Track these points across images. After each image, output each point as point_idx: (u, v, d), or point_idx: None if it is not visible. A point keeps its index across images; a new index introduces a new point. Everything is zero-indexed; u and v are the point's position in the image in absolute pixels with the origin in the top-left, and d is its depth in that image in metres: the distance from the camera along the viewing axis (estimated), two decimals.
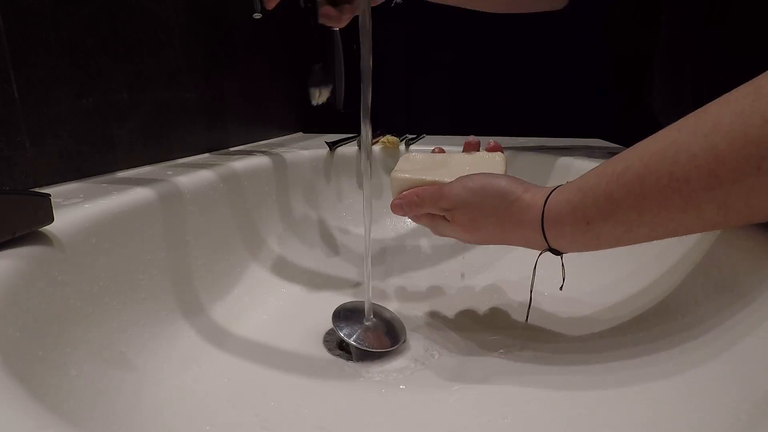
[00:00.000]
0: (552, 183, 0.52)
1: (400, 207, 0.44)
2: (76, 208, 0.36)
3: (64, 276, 0.32)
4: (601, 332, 0.41)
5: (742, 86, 0.26)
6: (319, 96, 0.58)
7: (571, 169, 0.62)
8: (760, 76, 0.26)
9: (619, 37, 0.84)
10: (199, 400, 0.36)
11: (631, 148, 0.32)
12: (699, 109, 0.28)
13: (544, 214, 0.35)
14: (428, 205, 0.42)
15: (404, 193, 0.44)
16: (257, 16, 0.56)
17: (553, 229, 0.35)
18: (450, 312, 0.51)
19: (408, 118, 0.98)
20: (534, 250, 0.39)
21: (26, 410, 0.19)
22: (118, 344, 0.35)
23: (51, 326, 0.29)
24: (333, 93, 0.58)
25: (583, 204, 0.33)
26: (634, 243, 0.33)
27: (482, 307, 0.51)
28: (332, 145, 0.71)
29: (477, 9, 0.56)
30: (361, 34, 0.40)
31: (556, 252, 0.37)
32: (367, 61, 0.40)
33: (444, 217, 0.42)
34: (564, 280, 0.39)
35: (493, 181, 0.39)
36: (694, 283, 0.37)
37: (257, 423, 0.34)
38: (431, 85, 0.97)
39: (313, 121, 0.99)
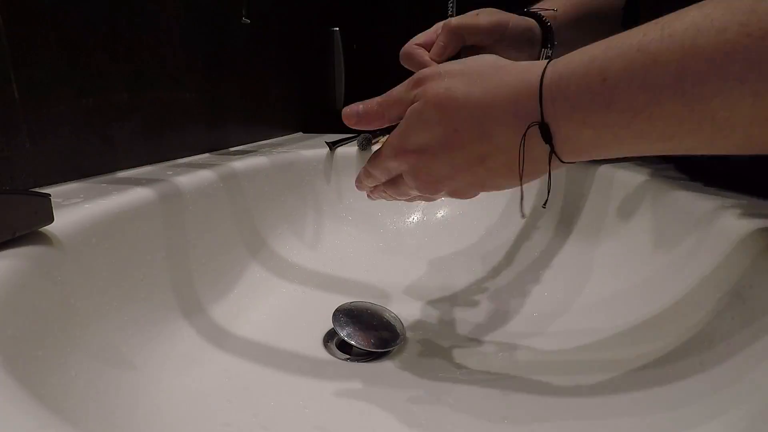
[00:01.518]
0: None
1: (356, 113, 0.35)
2: (76, 208, 0.36)
3: (64, 276, 0.32)
4: (604, 338, 0.41)
5: None
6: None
7: (571, 169, 0.62)
8: None
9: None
10: (199, 400, 0.36)
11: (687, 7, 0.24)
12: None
13: (546, 71, 0.27)
14: (396, 94, 0.34)
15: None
16: (246, 21, 0.56)
17: (555, 87, 0.27)
18: (450, 312, 0.51)
19: None
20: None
21: (26, 410, 0.19)
22: (117, 344, 0.35)
23: (51, 326, 0.29)
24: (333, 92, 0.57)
25: (605, 54, 0.25)
26: (660, 135, 0.24)
27: (482, 307, 0.51)
28: (332, 145, 0.71)
29: None
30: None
31: (546, 137, 0.28)
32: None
33: (409, 109, 0.32)
34: (549, 193, 0.33)
35: (478, 56, 0.32)
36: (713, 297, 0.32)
37: (257, 423, 0.34)
38: None
39: (313, 121, 0.99)
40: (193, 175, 0.50)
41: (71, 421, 0.27)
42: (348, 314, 0.46)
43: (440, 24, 0.45)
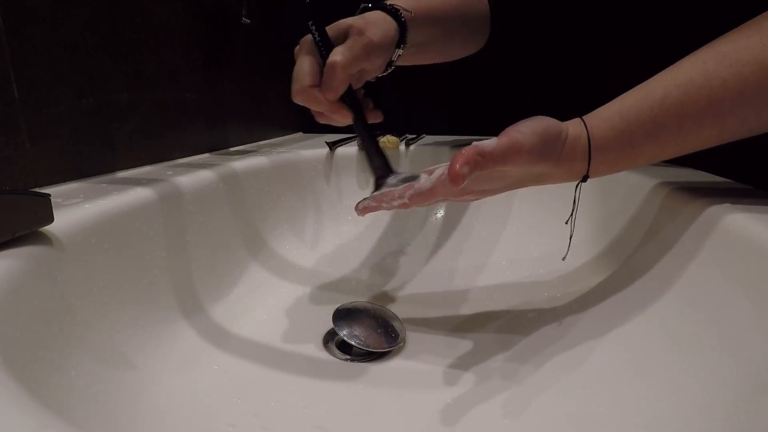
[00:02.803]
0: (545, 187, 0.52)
1: (461, 174, 0.32)
2: (76, 208, 0.36)
3: (64, 276, 0.32)
4: (599, 325, 0.41)
5: (744, 25, 0.36)
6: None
7: None
8: (759, 17, 0.35)
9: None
10: (199, 400, 0.36)
11: (657, 77, 0.37)
12: (711, 44, 0.36)
13: (591, 143, 0.38)
14: (496, 162, 0.35)
15: (462, 152, 0.33)
16: (245, 21, 0.56)
17: (599, 156, 0.38)
18: (450, 312, 0.51)
19: (408, 118, 0.98)
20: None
21: (26, 410, 0.19)
22: (118, 344, 0.35)
23: (51, 326, 0.29)
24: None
25: (629, 130, 0.37)
26: (660, 159, 0.38)
27: (483, 307, 0.51)
28: (332, 145, 0.71)
29: (417, 64, 0.55)
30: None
31: (584, 179, 0.39)
32: None
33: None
34: (575, 211, 0.42)
35: (545, 129, 0.36)
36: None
37: (257, 423, 0.34)
38: (431, 85, 0.97)
39: (313, 121, 0.99)
40: (193, 175, 0.50)
41: (71, 421, 0.27)
42: (348, 314, 0.46)
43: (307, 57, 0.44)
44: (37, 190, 0.31)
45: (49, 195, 0.31)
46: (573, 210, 0.43)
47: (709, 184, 0.45)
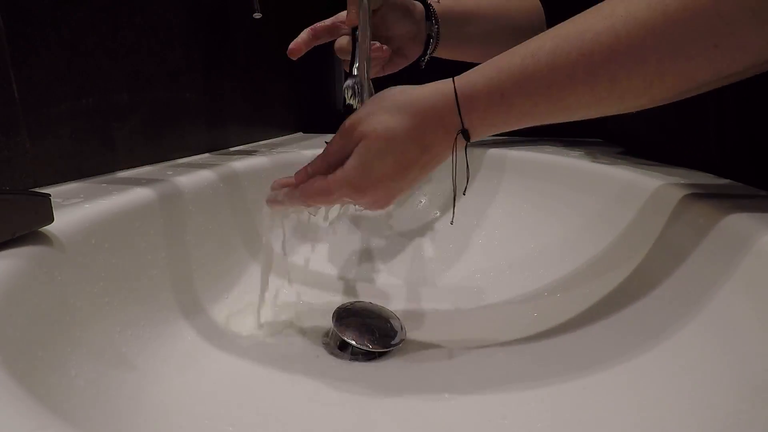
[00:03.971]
0: (550, 183, 0.53)
1: (304, 171, 0.41)
2: (76, 208, 0.36)
3: (64, 276, 0.32)
4: (599, 325, 0.41)
5: None
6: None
7: (574, 169, 0.62)
8: None
9: None
10: (200, 400, 0.36)
11: (543, 32, 0.36)
12: (599, 3, 0.34)
13: (457, 90, 0.36)
14: (334, 146, 0.39)
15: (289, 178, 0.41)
16: (257, 15, 0.56)
17: (468, 104, 0.36)
18: (450, 311, 0.51)
19: None
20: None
21: (26, 410, 0.19)
22: (118, 344, 0.35)
23: (51, 326, 0.29)
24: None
25: (498, 77, 0.36)
26: (536, 122, 0.37)
27: (483, 306, 0.51)
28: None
29: (463, 60, 0.59)
30: (360, 32, 0.41)
31: (466, 137, 0.37)
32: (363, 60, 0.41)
33: (354, 151, 0.38)
34: (468, 182, 0.40)
35: (383, 91, 0.39)
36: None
37: (257, 423, 0.34)
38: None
39: (313, 121, 0.99)
40: (193, 175, 0.50)
41: (71, 421, 0.27)
42: (348, 314, 0.46)
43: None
44: (37, 190, 0.31)
45: (49, 195, 0.31)
46: (453, 167, 0.39)
47: (713, 187, 0.44)
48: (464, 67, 0.38)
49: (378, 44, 0.51)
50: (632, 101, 0.34)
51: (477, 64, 0.38)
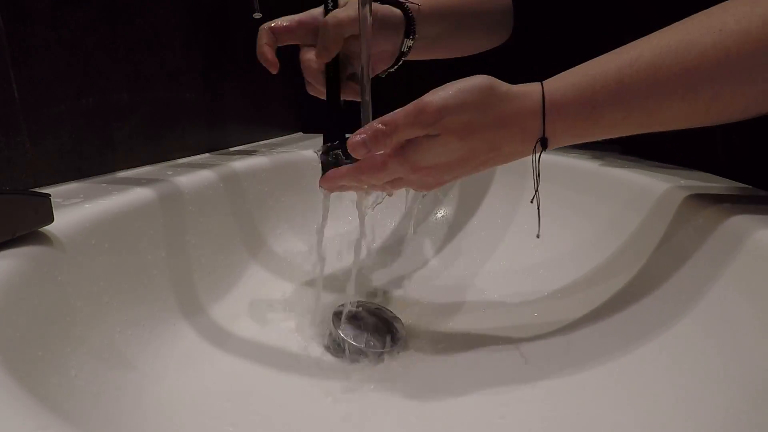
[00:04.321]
0: (555, 185, 0.52)
1: (363, 144, 0.35)
2: (76, 208, 0.36)
3: (64, 276, 0.32)
4: (599, 327, 0.41)
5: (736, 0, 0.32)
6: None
7: (576, 169, 0.62)
8: None
9: None
10: (200, 400, 0.36)
11: (636, 41, 0.34)
12: (700, 13, 0.33)
13: (545, 97, 0.34)
14: (406, 125, 0.35)
15: (365, 127, 0.36)
16: (257, 15, 0.56)
17: (555, 112, 0.34)
18: (450, 312, 0.51)
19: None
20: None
21: (26, 410, 0.19)
22: (118, 344, 0.35)
23: (51, 326, 0.29)
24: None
25: (592, 87, 0.34)
26: (622, 133, 0.35)
27: (482, 306, 0.51)
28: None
29: (432, 58, 0.55)
30: (361, 34, 0.41)
31: (544, 145, 0.36)
32: (366, 60, 0.40)
33: (425, 138, 0.35)
34: (537, 191, 0.39)
35: (474, 79, 0.35)
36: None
37: (257, 423, 0.34)
38: (431, 85, 0.96)
39: (313, 121, 0.99)
40: (193, 175, 0.50)
41: (71, 421, 0.27)
42: (348, 314, 0.46)
43: (312, 13, 0.47)
44: (37, 190, 0.31)
45: (49, 195, 0.31)
46: (535, 182, 0.39)
47: (725, 189, 0.43)
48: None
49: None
50: (727, 117, 0.33)
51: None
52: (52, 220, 0.31)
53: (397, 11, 0.48)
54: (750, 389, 0.27)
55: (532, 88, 0.35)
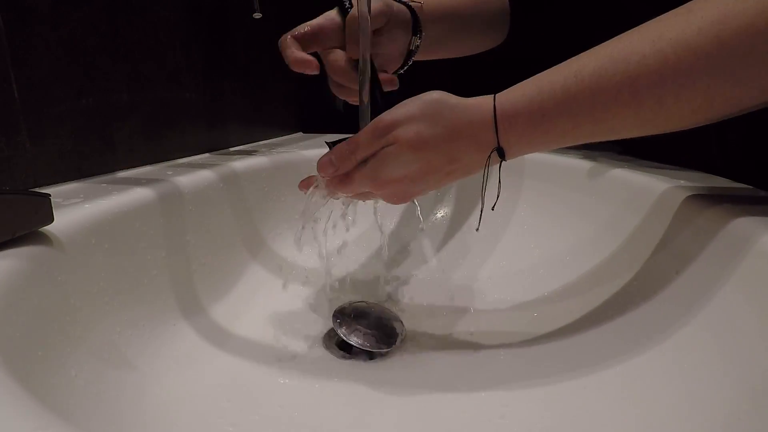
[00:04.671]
0: (550, 184, 0.51)
1: (330, 163, 0.40)
2: (76, 208, 0.36)
3: (64, 276, 0.32)
4: (599, 327, 0.41)
5: (676, 9, 0.33)
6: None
7: (577, 169, 0.62)
8: (690, 2, 0.32)
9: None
10: (200, 400, 0.36)
11: (584, 53, 0.35)
12: (641, 25, 0.34)
13: (497, 108, 0.36)
14: (365, 143, 0.38)
15: (333, 149, 0.41)
16: (257, 15, 0.56)
17: (506, 122, 0.36)
18: (450, 312, 0.51)
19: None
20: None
21: (26, 410, 0.19)
22: (118, 344, 0.35)
23: (51, 326, 0.29)
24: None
25: (539, 97, 0.35)
26: (575, 142, 0.36)
27: (483, 308, 0.51)
28: (332, 145, 0.71)
29: (433, 58, 0.56)
30: (360, 34, 0.41)
31: (501, 155, 0.37)
32: (365, 58, 0.41)
33: (382, 152, 0.38)
34: (498, 197, 0.40)
35: (426, 95, 0.38)
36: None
37: (257, 423, 0.34)
38: (431, 85, 0.96)
39: (313, 121, 0.99)
40: (193, 175, 0.50)
41: (71, 421, 0.27)
42: (348, 314, 0.46)
43: (328, 16, 0.48)
44: (37, 190, 0.31)
45: (49, 195, 0.31)
46: (483, 183, 0.39)
47: (725, 189, 0.43)
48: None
49: (387, 75, 0.49)
50: (677, 123, 0.34)
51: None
52: (52, 220, 0.31)
53: (405, 9, 0.49)
54: (751, 392, 0.27)
55: (484, 100, 0.37)
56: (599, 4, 0.55)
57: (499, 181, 0.39)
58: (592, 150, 0.65)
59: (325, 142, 0.71)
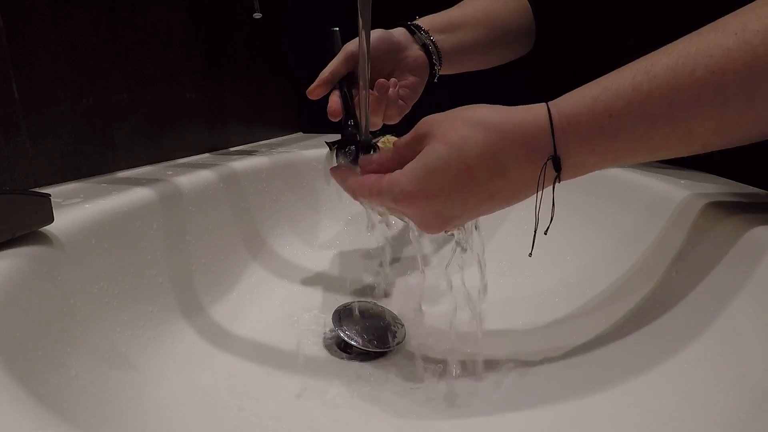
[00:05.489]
0: (560, 187, 0.50)
1: (370, 165, 0.37)
2: (76, 208, 0.36)
3: (64, 276, 0.32)
4: (602, 331, 0.41)
5: (752, 2, 0.29)
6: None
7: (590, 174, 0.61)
8: None
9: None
10: (200, 400, 0.36)
11: (648, 54, 0.31)
12: (712, 23, 0.30)
13: (552, 109, 0.31)
14: (402, 145, 0.35)
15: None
16: (257, 15, 0.56)
17: (565, 124, 0.31)
18: (450, 312, 0.51)
19: (408, 118, 0.98)
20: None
21: (26, 410, 0.19)
22: (118, 344, 0.35)
23: (51, 326, 0.29)
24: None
25: (604, 96, 0.30)
26: (647, 152, 0.31)
27: (486, 309, 0.51)
28: (332, 145, 0.71)
29: (462, 71, 0.59)
30: (359, 35, 0.41)
31: (557, 166, 0.31)
32: (364, 56, 0.41)
33: (424, 156, 0.33)
34: (552, 219, 0.34)
35: (466, 107, 0.33)
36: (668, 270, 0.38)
37: (257, 423, 0.34)
38: (431, 85, 0.97)
39: (313, 121, 0.99)
40: (193, 175, 0.50)
41: (71, 421, 0.27)
42: (348, 314, 0.46)
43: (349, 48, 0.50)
44: (37, 190, 0.31)
45: (49, 195, 0.31)
46: (537, 200, 0.33)
47: (743, 196, 0.41)
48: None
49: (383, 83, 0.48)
50: (760, 130, 0.30)
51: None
52: (52, 220, 0.31)
53: (422, 55, 0.52)
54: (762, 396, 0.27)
55: (532, 105, 0.32)
56: (624, 12, 0.56)
57: (553, 203, 0.33)
58: None
59: (325, 142, 0.71)
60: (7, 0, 0.39)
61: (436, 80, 0.55)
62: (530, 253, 0.36)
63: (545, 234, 0.34)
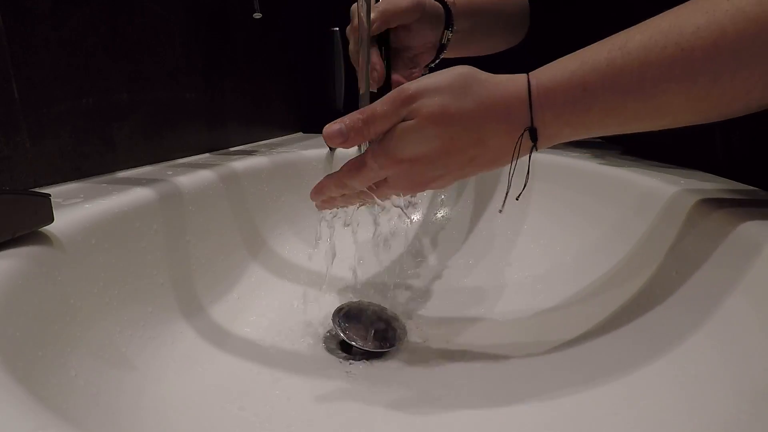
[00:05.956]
0: (556, 186, 0.50)
1: (340, 132, 0.35)
2: (76, 208, 0.36)
3: (64, 276, 0.32)
4: (602, 332, 0.41)
5: None
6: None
7: (576, 169, 0.62)
8: None
9: None
10: (199, 400, 0.36)
11: (625, 30, 0.32)
12: (688, 2, 0.31)
13: (531, 82, 0.33)
14: (382, 113, 0.34)
15: (343, 117, 0.35)
16: (257, 15, 0.56)
17: (543, 98, 0.33)
18: (450, 312, 0.51)
19: None
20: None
21: (26, 410, 0.19)
22: (118, 344, 0.35)
23: (51, 326, 0.29)
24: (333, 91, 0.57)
25: (581, 70, 0.32)
26: (617, 125, 0.33)
27: (484, 308, 0.51)
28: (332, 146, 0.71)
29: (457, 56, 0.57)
30: (360, 32, 0.41)
31: (533, 137, 0.33)
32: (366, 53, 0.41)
33: (401, 125, 0.34)
34: (525, 186, 0.36)
35: (454, 68, 0.34)
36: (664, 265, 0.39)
37: (257, 423, 0.34)
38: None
39: (313, 121, 0.99)
40: (193, 175, 0.50)
41: (71, 421, 0.27)
42: (348, 314, 0.46)
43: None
44: (37, 190, 0.31)
45: (49, 195, 0.31)
46: (511, 168, 0.35)
47: (734, 192, 0.42)
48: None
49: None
50: (726, 107, 0.31)
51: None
52: (52, 220, 0.31)
53: (438, 5, 0.50)
54: (762, 402, 0.27)
55: (517, 76, 0.34)
56: (617, 3, 0.56)
57: (528, 171, 0.35)
58: (594, 148, 0.65)
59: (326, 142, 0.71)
60: (7, 0, 0.39)
61: (434, 65, 0.54)
62: (501, 210, 0.39)
63: (516, 200, 0.37)
